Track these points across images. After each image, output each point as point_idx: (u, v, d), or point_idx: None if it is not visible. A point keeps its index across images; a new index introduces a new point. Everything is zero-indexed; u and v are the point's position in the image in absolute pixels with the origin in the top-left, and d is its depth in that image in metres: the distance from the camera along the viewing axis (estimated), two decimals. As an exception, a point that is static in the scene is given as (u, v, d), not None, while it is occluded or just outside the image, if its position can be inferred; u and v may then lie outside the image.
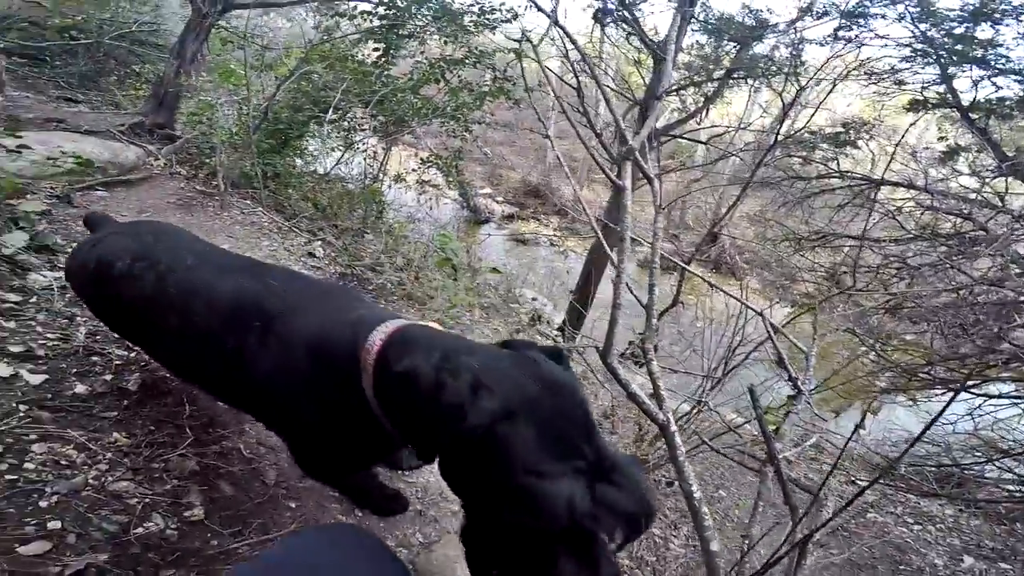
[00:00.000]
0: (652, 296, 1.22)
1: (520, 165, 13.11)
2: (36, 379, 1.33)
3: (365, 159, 4.46)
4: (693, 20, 5.19)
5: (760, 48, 5.46)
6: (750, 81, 5.67)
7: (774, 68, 5.31)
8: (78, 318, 1.66)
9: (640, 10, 5.17)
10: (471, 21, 4.58)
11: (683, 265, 2.15)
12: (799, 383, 1.66)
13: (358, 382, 0.83)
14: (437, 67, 4.45)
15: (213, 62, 4.71)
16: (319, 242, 3.42)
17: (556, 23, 1.98)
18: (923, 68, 4.80)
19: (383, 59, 4.42)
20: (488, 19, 4.62)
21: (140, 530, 1.10)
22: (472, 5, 4.61)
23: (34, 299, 1.65)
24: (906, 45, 4.68)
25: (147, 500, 1.16)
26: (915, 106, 4.92)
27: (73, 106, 4.62)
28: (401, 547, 1.49)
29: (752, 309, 1.65)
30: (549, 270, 7.99)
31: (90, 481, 1.14)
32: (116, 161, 3.24)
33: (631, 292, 1.25)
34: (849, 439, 1.43)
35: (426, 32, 4.58)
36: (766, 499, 1.42)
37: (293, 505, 1.41)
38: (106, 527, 1.08)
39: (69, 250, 1.96)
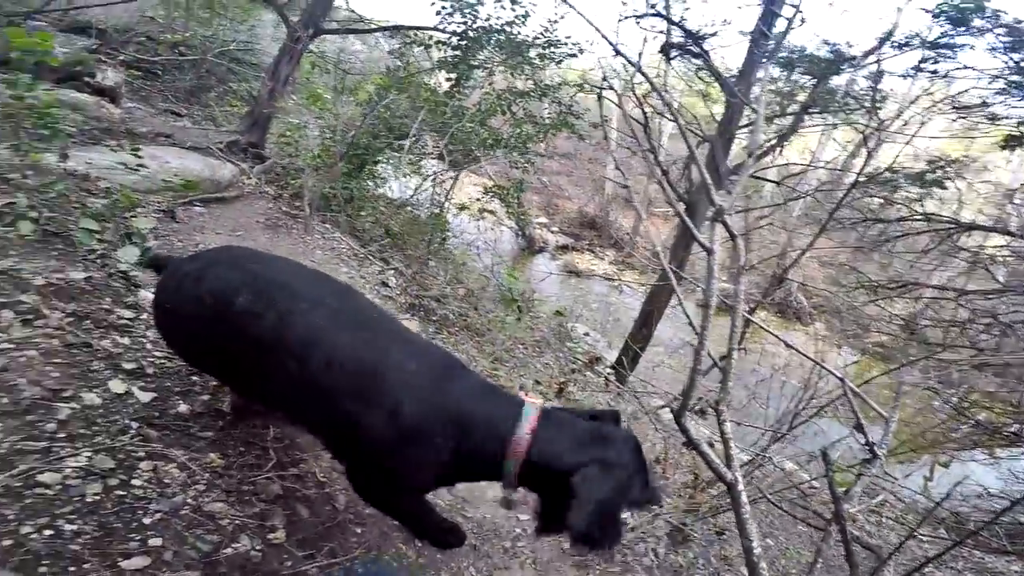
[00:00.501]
0: (730, 360, 1.20)
1: (577, 196, 12.87)
2: (146, 397, 1.45)
3: (433, 187, 4.63)
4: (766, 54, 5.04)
5: (837, 81, 5.22)
6: (826, 117, 5.43)
7: (853, 103, 5.06)
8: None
9: (710, 44, 5.09)
10: (537, 55, 4.69)
11: (748, 316, 2.09)
12: (876, 448, 1.58)
13: (499, 461, 1.14)
14: (504, 99, 4.57)
15: (302, 85, 5.04)
16: (392, 271, 3.58)
17: (639, 70, 2.02)
18: (1019, 101, 4.44)
19: (455, 89, 4.58)
20: (553, 53, 4.73)
21: (229, 550, 1.18)
22: (537, 38, 4.72)
23: (144, 316, 1.81)
24: (998, 77, 4.35)
25: (237, 522, 1.24)
26: (1010, 142, 4.55)
27: (178, 120, 5.02)
28: (454, 581, 1.52)
29: (832, 373, 1.58)
30: (603, 304, 7.83)
31: (188, 500, 1.23)
32: (214, 178, 3.51)
33: (711, 358, 1.24)
34: (936, 506, 1.35)
35: (494, 64, 4.72)
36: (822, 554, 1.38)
37: (359, 531, 1.47)
38: (200, 546, 1.16)
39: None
